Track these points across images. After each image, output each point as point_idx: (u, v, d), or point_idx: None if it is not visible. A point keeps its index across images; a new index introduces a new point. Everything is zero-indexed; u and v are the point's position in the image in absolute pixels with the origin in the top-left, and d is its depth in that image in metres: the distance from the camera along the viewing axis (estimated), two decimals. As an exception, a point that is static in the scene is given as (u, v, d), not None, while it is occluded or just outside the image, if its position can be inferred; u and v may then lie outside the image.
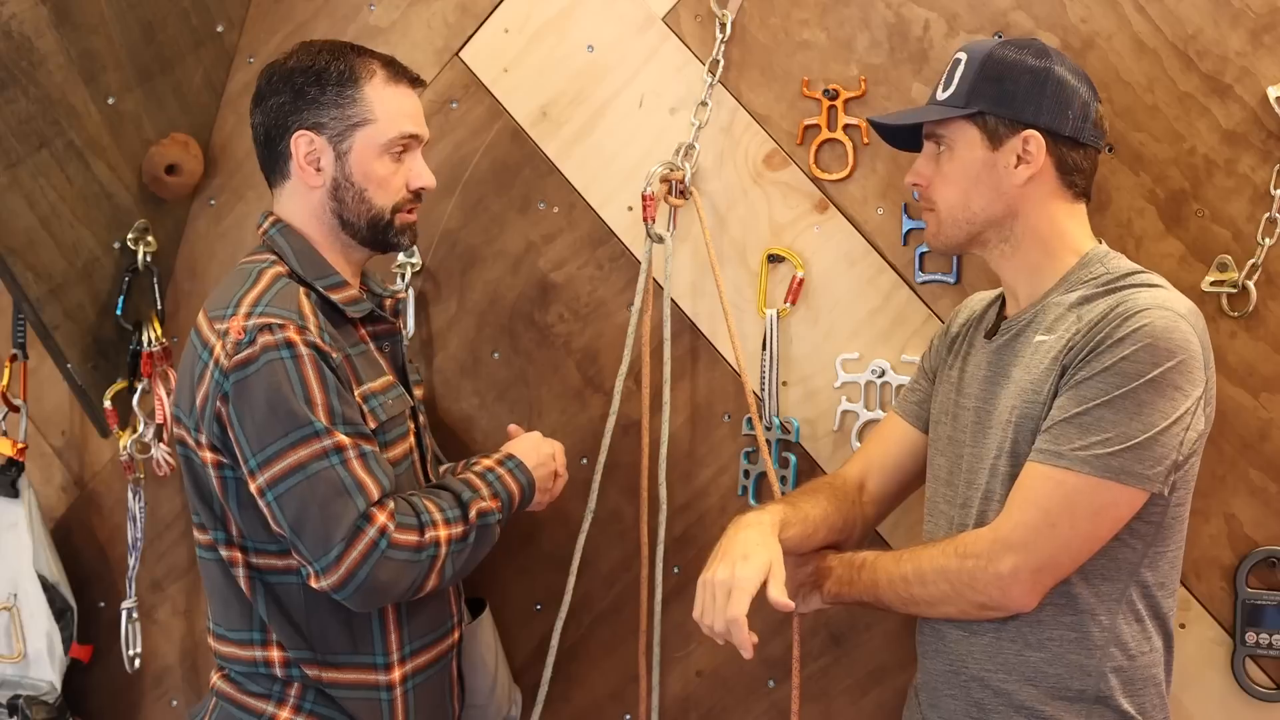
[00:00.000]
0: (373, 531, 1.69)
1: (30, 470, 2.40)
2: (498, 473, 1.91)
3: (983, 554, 1.65)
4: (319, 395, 1.73)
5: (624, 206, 2.23)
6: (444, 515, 1.78)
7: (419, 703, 1.90)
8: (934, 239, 1.81)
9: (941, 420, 1.86)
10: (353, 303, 1.88)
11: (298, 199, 1.89)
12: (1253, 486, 2.00)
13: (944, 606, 1.71)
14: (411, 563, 1.73)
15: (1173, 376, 1.60)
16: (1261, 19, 1.95)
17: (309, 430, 1.71)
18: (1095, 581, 1.67)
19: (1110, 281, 1.70)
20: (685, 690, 2.27)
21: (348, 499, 1.70)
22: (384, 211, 1.88)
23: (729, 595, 1.62)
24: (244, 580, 1.83)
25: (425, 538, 1.74)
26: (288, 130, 1.85)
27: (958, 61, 1.76)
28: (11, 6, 2.02)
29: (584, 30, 2.24)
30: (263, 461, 1.72)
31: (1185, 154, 1.99)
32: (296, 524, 1.71)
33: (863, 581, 1.76)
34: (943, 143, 1.76)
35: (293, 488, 1.70)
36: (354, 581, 1.70)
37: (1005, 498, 1.69)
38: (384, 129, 1.85)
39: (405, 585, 1.74)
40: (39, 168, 2.14)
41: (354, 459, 1.72)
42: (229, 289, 1.82)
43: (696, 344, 2.22)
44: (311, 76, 1.84)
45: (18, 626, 2.36)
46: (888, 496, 1.95)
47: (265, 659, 1.85)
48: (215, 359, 1.75)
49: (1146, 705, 1.71)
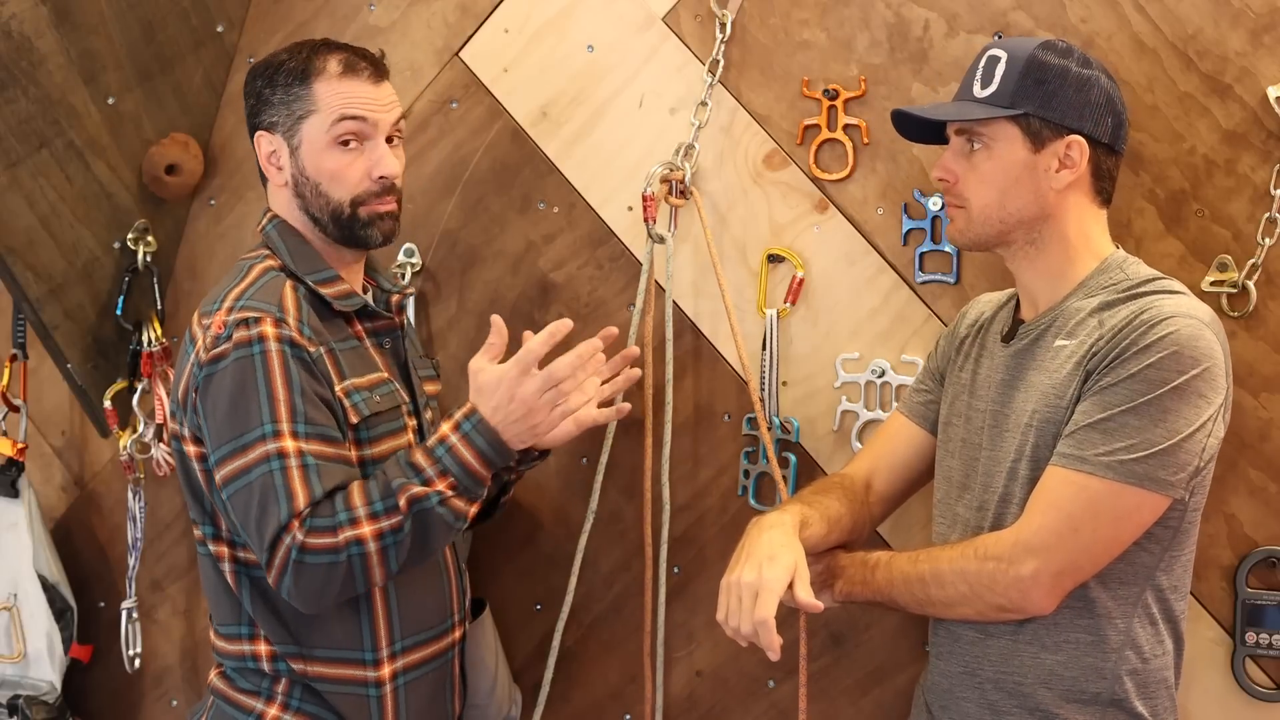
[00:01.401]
0: (288, 540, 1.69)
1: (30, 470, 2.40)
2: (449, 443, 1.76)
3: (1004, 556, 1.65)
4: (282, 393, 1.73)
5: (624, 206, 2.23)
6: (370, 509, 1.71)
7: (411, 701, 1.89)
8: (961, 235, 1.79)
9: (953, 423, 1.85)
10: (343, 297, 1.88)
11: (278, 198, 1.92)
12: (1253, 486, 2.00)
13: (961, 608, 1.70)
14: (332, 565, 1.69)
15: (1197, 384, 1.60)
16: (1261, 19, 1.95)
17: (258, 433, 1.72)
18: (1113, 585, 1.68)
19: (1131, 288, 1.70)
20: (686, 690, 2.27)
21: (275, 508, 1.69)
22: (342, 205, 1.86)
23: (755, 597, 1.61)
24: (230, 574, 1.84)
25: (340, 538, 1.69)
26: (253, 131, 1.90)
27: (995, 59, 1.74)
28: (11, 6, 2.02)
29: (584, 30, 2.24)
30: (219, 459, 1.75)
31: (1185, 154, 1.99)
32: (242, 524, 1.75)
33: (877, 581, 1.76)
34: (979, 140, 1.74)
35: (239, 489, 1.73)
36: (284, 587, 1.72)
37: (1024, 501, 1.69)
38: (324, 117, 1.84)
39: (337, 586, 1.71)
40: (39, 168, 2.14)
41: (294, 467, 1.71)
42: (221, 285, 1.85)
43: (698, 344, 2.22)
44: (266, 78, 1.87)
45: (18, 626, 2.36)
46: (894, 496, 1.95)
47: (254, 653, 1.85)
48: (197, 353, 1.78)
49: (1159, 708, 1.71)
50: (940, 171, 1.79)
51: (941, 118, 1.79)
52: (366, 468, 1.83)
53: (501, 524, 2.21)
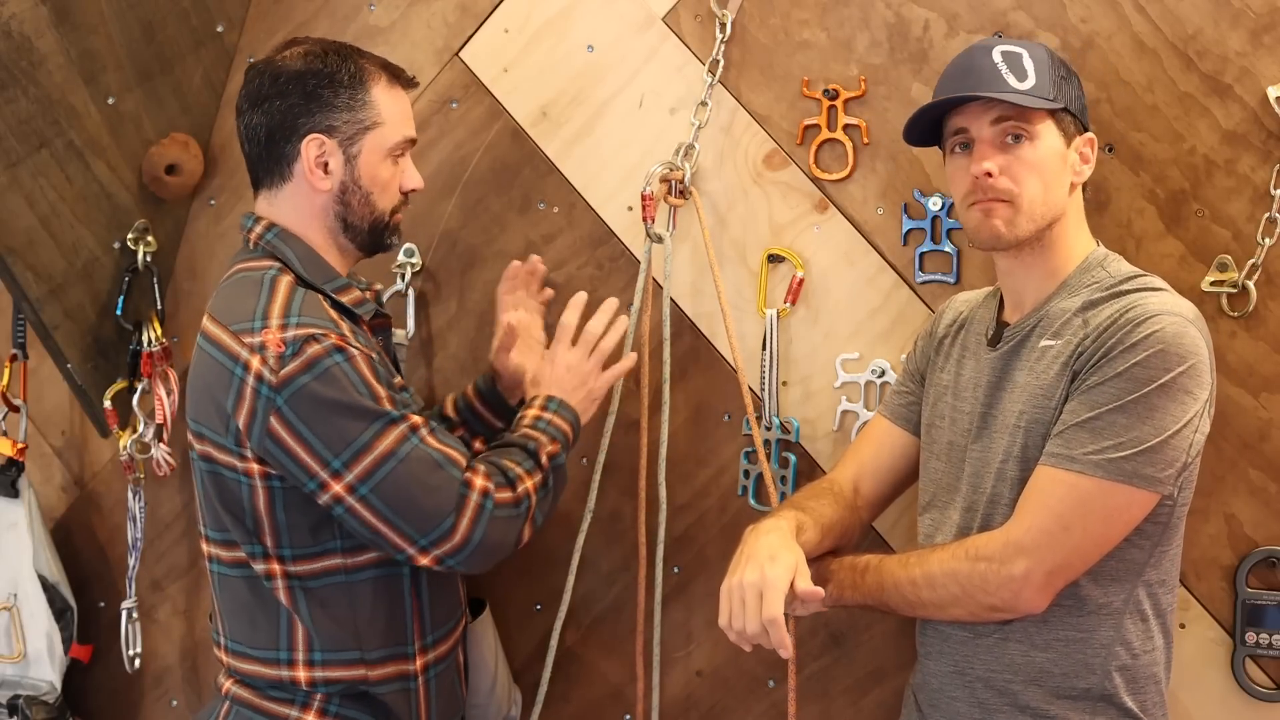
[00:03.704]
0: (475, 495, 1.77)
1: (30, 470, 2.40)
2: (546, 419, 1.95)
3: (995, 556, 1.65)
4: (380, 389, 1.76)
5: (624, 206, 2.23)
6: (523, 467, 1.85)
7: (439, 691, 1.93)
8: (1008, 229, 1.71)
9: (938, 425, 1.86)
10: (360, 304, 1.88)
11: (298, 201, 1.87)
12: (1253, 486, 2.00)
13: (953, 609, 1.70)
14: (514, 518, 1.81)
15: (1183, 381, 1.61)
16: (1261, 19, 1.95)
17: (386, 419, 1.75)
18: (1104, 583, 1.68)
19: (1114, 286, 1.71)
20: (685, 690, 2.27)
21: (444, 471, 1.76)
22: (385, 214, 1.90)
23: (760, 597, 1.60)
24: (284, 591, 1.81)
25: (518, 491, 1.81)
26: (296, 133, 1.83)
27: (1017, 55, 1.73)
28: (11, 6, 2.02)
29: (584, 30, 2.24)
30: (349, 460, 1.72)
31: (1185, 154, 1.99)
32: (399, 508, 1.74)
33: (867, 585, 1.76)
34: (1022, 132, 1.71)
35: (389, 474, 1.73)
36: (470, 545, 1.76)
37: (1012, 502, 1.69)
38: (390, 133, 1.87)
39: (512, 540, 1.82)
40: (39, 168, 2.14)
41: (430, 435, 1.78)
42: (243, 300, 1.79)
43: (697, 344, 2.22)
44: (324, 79, 1.83)
45: (18, 626, 2.36)
46: (880, 500, 1.96)
47: (292, 679, 1.83)
48: (257, 374, 1.72)
49: (1148, 703, 1.72)
50: (985, 164, 1.70)
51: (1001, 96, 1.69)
52: None
53: (501, 524, 2.22)
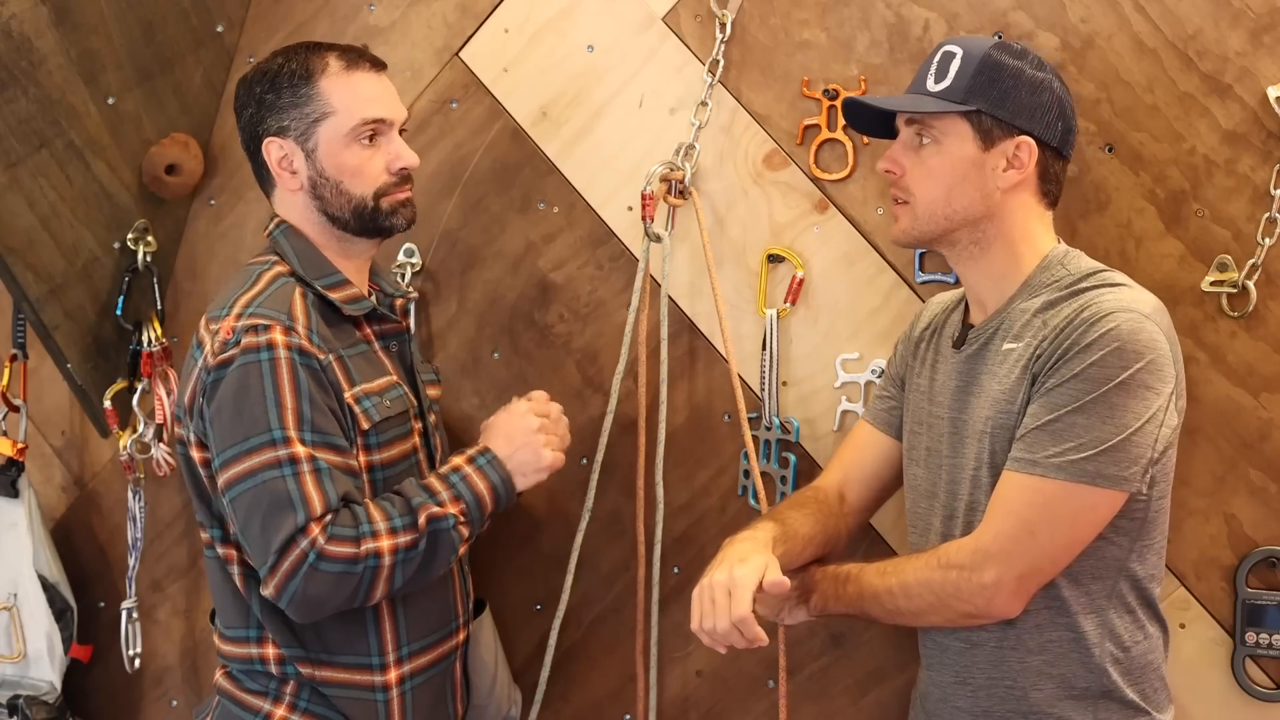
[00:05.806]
0: (304, 544, 1.69)
1: (30, 470, 2.40)
2: (464, 472, 1.85)
3: (965, 564, 1.66)
4: (290, 400, 1.74)
5: (624, 206, 2.23)
6: (389, 524, 1.75)
7: (418, 704, 1.90)
8: (906, 233, 1.78)
9: (917, 431, 1.86)
10: (353, 301, 1.88)
11: (287, 203, 1.91)
12: (1253, 486, 2.00)
13: (930, 617, 1.71)
14: (346, 574, 1.71)
15: (1142, 377, 1.61)
16: (1261, 19, 1.95)
17: (266, 438, 1.72)
18: (1085, 582, 1.69)
19: (1073, 284, 1.70)
20: (685, 690, 2.27)
21: (290, 512, 1.70)
22: (365, 199, 1.88)
23: (729, 595, 1.61)
24: (239, 578, 1.85)
25: (361, 549, 1.71)
26: (257, 140, 1.88)
27: (951, 55, 1.74)
28: (11, 6, 2.02)
29: (584, 30, 2.24)
30: (223, 462, 1.75)
31: (1185, 154, 1.99)
32: (244, 528, 1.75)
33: (849, 595, 1.76)
34: (929, 134, 1.74)
35: (243, 493, 1.73)
36: (286, 593, 1.71)
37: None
38: (344, 119, 1.85)
39: (343, 596, 1.73)
40: (39, 168, 2.14)
41: (306, 473, 1.72)
42: (229, 291, 1.85)
43: (696, 344, 2.22)
44: (267, 83, 1.86)
45: (18, 626, 2.36)
46: (866, 506, 1.96)
47: (261, 656, 1.86)
48: (204, 356, 1.79)
49: (1148, 691, 1.73)
50: (887, 163, 1.78)
51: (893, 108, 1.79)
52: (375, 472, 1.84)
53: (501, 524, 2.21)
